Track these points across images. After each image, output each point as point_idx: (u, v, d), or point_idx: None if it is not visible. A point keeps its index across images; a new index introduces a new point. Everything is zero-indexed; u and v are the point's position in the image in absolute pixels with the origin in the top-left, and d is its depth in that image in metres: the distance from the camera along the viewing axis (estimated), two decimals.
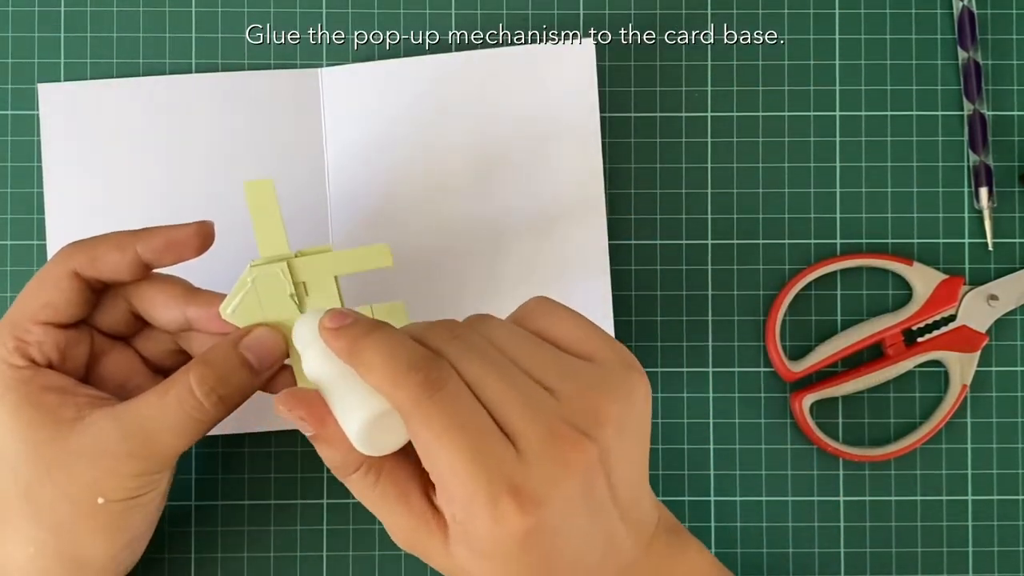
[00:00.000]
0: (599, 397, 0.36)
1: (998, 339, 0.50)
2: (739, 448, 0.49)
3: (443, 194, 0.48)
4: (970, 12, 0.50)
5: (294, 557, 0.48)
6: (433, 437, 0.34)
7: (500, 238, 0.48)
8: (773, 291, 0.50)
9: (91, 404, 0.39)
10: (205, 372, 0.39)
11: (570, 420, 0.35)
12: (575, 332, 0.38)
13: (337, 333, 0.36)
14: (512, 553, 0.35)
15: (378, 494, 0.37)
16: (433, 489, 0.37)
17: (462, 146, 0.48)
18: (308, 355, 0.38)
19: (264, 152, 0.48)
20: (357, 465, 0.37)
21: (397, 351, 0.35)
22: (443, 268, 0.48)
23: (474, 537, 0.35)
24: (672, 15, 0.50)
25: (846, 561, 0.49)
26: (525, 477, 0.34)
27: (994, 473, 0.49)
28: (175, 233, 0.41)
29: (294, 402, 0.37)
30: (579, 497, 0.35)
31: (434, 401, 0.34)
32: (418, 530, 0.37)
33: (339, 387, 0.37)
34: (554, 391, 0.35)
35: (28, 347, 0.40)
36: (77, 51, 0.49)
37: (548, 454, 0.34)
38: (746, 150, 0.50)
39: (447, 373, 0.35)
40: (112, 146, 0.48)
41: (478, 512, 0.34)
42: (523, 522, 0.34)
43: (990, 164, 0.50)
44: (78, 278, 0.40)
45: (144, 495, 0.40)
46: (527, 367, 0.36)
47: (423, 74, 0.48)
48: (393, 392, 0.35)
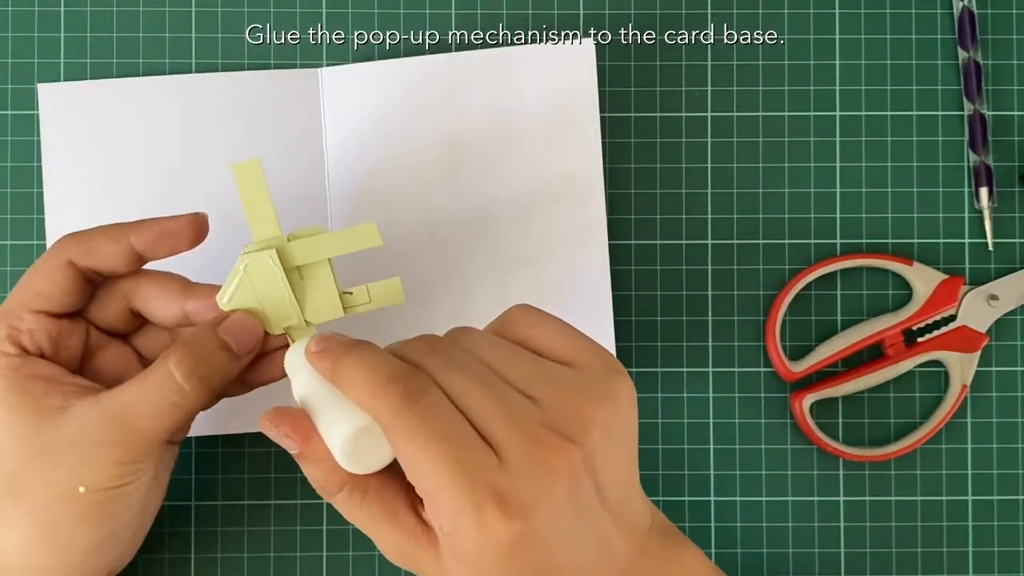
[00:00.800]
0: (583, 402, 0.36)
1: (998, 339, 0.50)
2: (739, 448, 0.49)
3: (442, 192, 0.48)
4: (970, 12, 0.50)
5: (294, 557, 0.48)
6: (414, 448, 0.34)
7: (500, 237, 0.48)
8: (773, 291, 0.50)
9: (77, 393, 0.40)
10: (183, 354, 0.39)
11: (552, 426, 0.35)
12: (557, 339, 0.38)
13: (321, 355, 0.37)
14: (501, 562, 0.35)
15: (365, 513, 0.38)
16: (422, 505, 0.37)
17: (461, 145, 0.48)
18: (297, 379, 0.39)
19: (264, 152, 0.48)
20: (341, 485, 0.38)
21: (376, 365, 0.36)
22: (443, 266, 0.48)
23: (462, 548, 0.35)
24: (672, 15, 0.50)
25: (846, 561, 0.49)
26: (508, 484, 0.34)
27: (994, 473, 0.49)
28: (168, 224, 0.41)
29: (280, 419, 0.38)
30: (566, 502, 0.35)
31: (414, 412, 0.35)
32: (409, 546, 0.37)
33: (325, 405, 0.37)
34: (536, 399, 0.36)
35: (20, 335, 0.40)
36: (77, 51, 0.49)
37: (530, 461, 0.34)
38: (746, 150, 0.50)
39: (426, 384, 0.35)
40: (112, 146, 0.48)
41: (463, 522, 0.34)
42: (509, 529, 0.34)
43: (990, 164, 0.50)
44: (72, 268, 0.40)
45: (126, 485, 0.40)
46: (508, 376, 0.36)
47: (423, 74, 0.48)
48: (374, 405, 0.35)
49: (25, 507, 0.39)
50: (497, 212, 0.48)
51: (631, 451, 0.38)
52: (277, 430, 0.38)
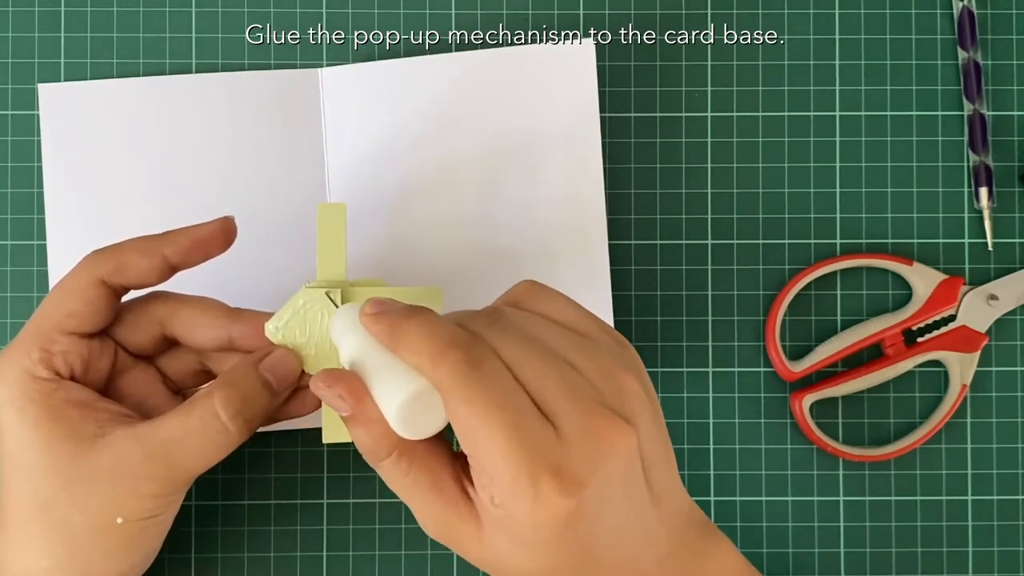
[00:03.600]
0: (619, 373, 0.36)
1: (998, 339, 0.50)
2: (739, 448, 0.49)
3: (442, 193, 0.48)
4: (970, 12, 0.50)
5: (294, 557, 0.48)
6: (473, 415, 0.34)
7: (499, 236, 0.48)
8: (773, 291, 0.50)
9: (112, 421, 0.39)
10: (231, 395, 0.39)
11: (603, 400, 0.35)
12: (569, 313, 0.38)
13: (378, 317, 0.36)
14: (552, 538, 0.34)
15: (410, 481, 0.37)
16: (467, 477, 0.37)
17: (462, 145, 0.48)
18: (346, 343, 0.38)
19: (264, 152, 0.48)
20: (390, 451, 0.37)
21: (437, 331, 0.35)
22: (443, 265, 0.48)
23: (514, 521, 0.34)
24: (672, 15, 0.50)
25: (846, 561, 0.49)
26: (566, 458, 0.34)
27: (994, 473, 0.49)
28: (200, 232, 0.41)
29: (333, 379, 0.37)
30: (619, 480, 0.35)
31: (475, 379, 0.34)
32: (451, 518, 0.36)
33: (379, 370, 0.36)
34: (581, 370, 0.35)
35: (53, 357, 0.39)
36: (77, 51, 0.49)
37: (588, 436, 0.34)
38: (746, 150, 0.50)
39: (487, 353, 0.35)
40: (112, 146, 0.48)
41: (519, 492, 0.34)
42: (564, 504, 0.33)
43: (990, 164, 0.50)
44: (104, 286, 0.40)
45: (160, 515, 0.40)
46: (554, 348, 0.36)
47: (423, 74, 0.48)
48: (433, 370, 0.34)
49: (59, 535, 0.39)
50: (497, 211, 0.48)
51: (662, 427, 0.37)
52: (330, 390, 0.37)
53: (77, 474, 0.38)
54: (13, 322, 0.49)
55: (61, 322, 0.40)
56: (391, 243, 0.48)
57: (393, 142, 0.48)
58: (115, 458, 0.38)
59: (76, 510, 0.38)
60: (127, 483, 0.38)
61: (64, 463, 0.38)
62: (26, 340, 0.40)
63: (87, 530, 0.39)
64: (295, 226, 0.48)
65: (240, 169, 0.48)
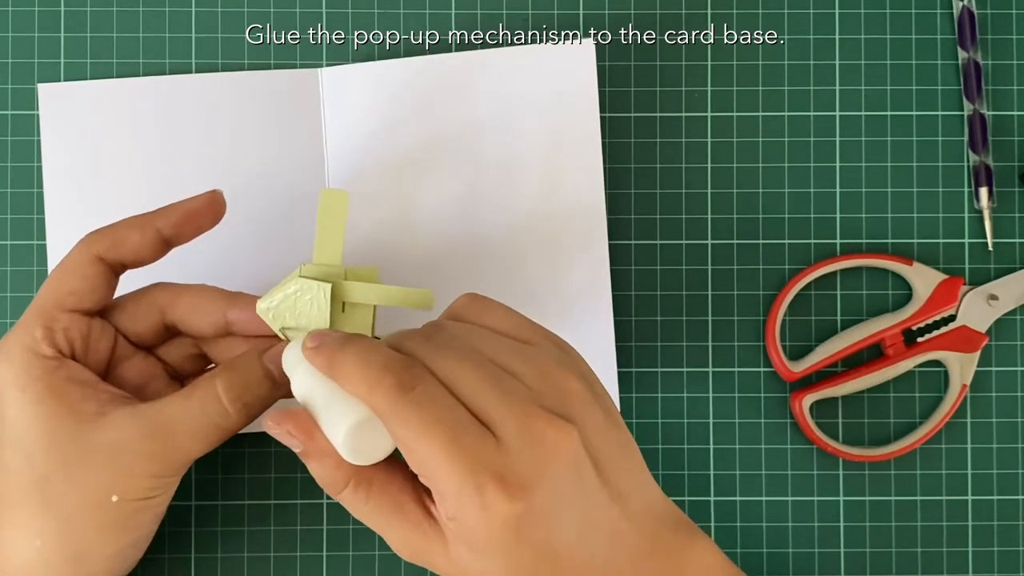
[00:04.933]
0: (561, 376, 0.37)
1: (998, 339, 0.50)
2: (739, 448, 0.49)
3: (442, 192, 0.48)
4: (970, 12, 0.50)
5: (294, 557, 0.49)
6: (412, 435, 0.35)
7: (499, 236, 0.48)
8: (773, 291, 0.50)
9: (113, 401, 0.40)
10: (233, 379, 0.40)
11: (543, 403, 0.36)
12: (509, 321, 0.39)
13: (317, 350, 0.38)
14: (508, 543, 0.35)
15: (372, 508, 0.38)
16: (428, 497, 0.37)
17: (462, 146, 0.48)
18: (295, 376, 0.39)
19: (264, 152, 0.48)
20: (346, 481, 0.38)
21: (370, 357, 0.36)
22: (442, 264, 0.48)
23: (469, 531, 0.35)
24: (672, 15, 0.50)
25: (846, 561, 0.49)
26: (507, 464, 0.35)
27: (994, 473, 0.49)
28: (190, 205, 0.42)
29: (282, 417, 0.38)
30: (566, 479, 0.35)
31: (409, 400, 0.35)
32: (417, 539, 0.37)
33: (325, 401, 0.38)
34: (520, 376, 0.36)
35: (55, 335, 0.40)
36: (77, 51, 0.49)
37: (528, 439, 0.35)
38: (746, 150, 0.50)
39: (420, 373, 0.36)
40: (112, 146, 0.48)
41: (466, 503, 0.35)
42: (512, 508, 0.34)
43: (990, 164, 0.50)
44: (102, 263, 0.41)
45: (156, 497, 0.40)
46: (492, 358, 0.37)
47: (423, 74, 0.48)
48: (370, 396, 0.36)
49: (54, 511, 0.39)
50: (497, 211, 0.48)
51: (618, 426, 0.38)
52: (280, 427, 0.38)
53: (76, 451, 0.39)
54: (13, 322, 0.49)
55: (62, 300, 0.40)
56: (390, 242, 0.48)
57: (392, 141, 0.48)
58: (114, 435, 0.39)
59: (71, 486, 0.39)
60: (125, 460, 0.39)
61: (64, 440, 0.39)
62: (29, 319, 0.40)
63: (81, 506, 0.39)
64: (295, 226, 0.48)
65: (240, 169, 0.48)
